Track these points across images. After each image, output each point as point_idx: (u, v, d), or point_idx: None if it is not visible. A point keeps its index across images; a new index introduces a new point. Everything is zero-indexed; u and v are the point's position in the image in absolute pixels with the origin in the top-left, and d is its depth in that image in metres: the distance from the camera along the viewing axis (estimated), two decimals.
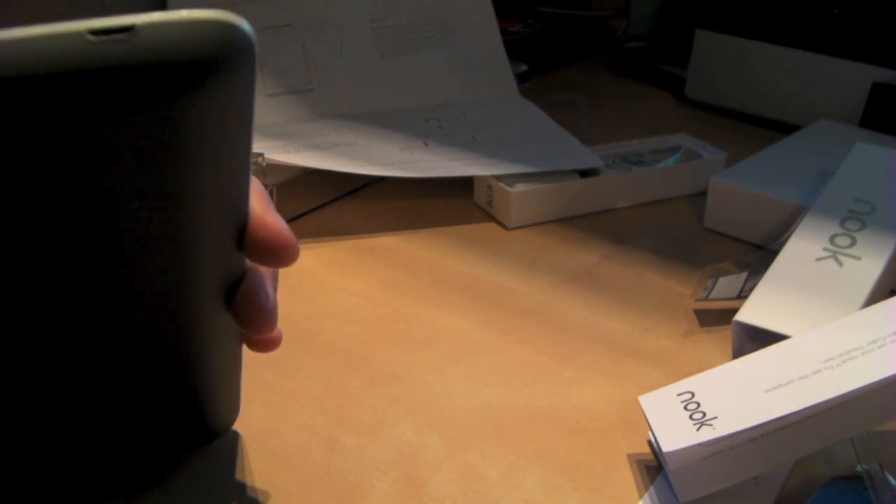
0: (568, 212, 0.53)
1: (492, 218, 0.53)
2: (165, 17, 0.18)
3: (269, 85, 0.59)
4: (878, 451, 0.31)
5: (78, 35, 0.17)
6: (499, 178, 0.52)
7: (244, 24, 0.19)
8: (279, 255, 0.26)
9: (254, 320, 0.26)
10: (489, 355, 0.39)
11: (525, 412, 0.36)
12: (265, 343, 0.30)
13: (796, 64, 0.65)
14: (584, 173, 0.53)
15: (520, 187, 0.51)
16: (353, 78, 0.61)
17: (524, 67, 0.74)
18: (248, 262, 0.27)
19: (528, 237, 0.51)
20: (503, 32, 0.66)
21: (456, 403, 0.36)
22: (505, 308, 0.43)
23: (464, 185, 0.54)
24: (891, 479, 0.30)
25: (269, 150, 0.51)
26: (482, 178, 0.53)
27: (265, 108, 0.58)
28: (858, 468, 0.30)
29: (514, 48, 0.70)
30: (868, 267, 0.39)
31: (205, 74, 0.19)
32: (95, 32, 0.17)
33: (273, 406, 0.35)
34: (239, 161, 0.22)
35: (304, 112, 0.59)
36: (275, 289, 0.28)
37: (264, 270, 0.27)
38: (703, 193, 0.52)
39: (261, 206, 0.26)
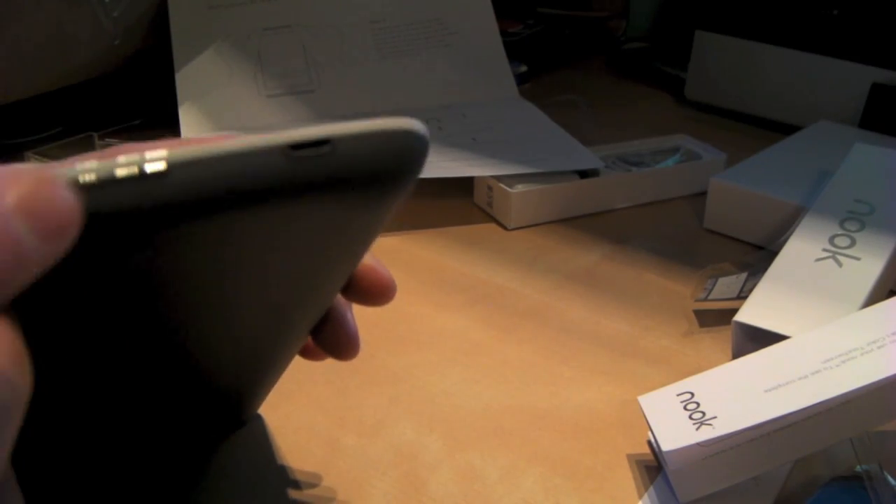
0: (568, 212, 0.53)
1: (492, 218, 0.53)
2: (359, 129, 0.19)
3: (269, 86, 0.59)
4: (878, 451, 0.31)
5: (279, 149, 0.18)
6: (499, 178, 0.52)
7: (424, 129, 0.19)
8: (381, 297, 0.27)
9: (342, 349, 0.28)
10: (489, 355, 0.39)
11: (525, 412, 0.36)
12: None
13: (796, 64, 0.65)
14: (583, 174, 0.53)
15: (520, 188, 0.51)
16: (354, 79, 0.61)
17: (524, 68, 0.74)
18: None
19: (528, 237, 0.51)
20: (503, 33, 0.66)
21: (456, 403, 0.36)
22: (505, 308, 0.43)
23: (464, 185, 0.54)
24: (890, 479, 0.30)
25: None
26: (482, 178, 0.53)
27: (265, 108, 0.58)
28: (858, 468, 0.30)
29: (514, 49, 0.70)
30: (867, 267, 0.39)
31: (394, 183, 0.19)
32: (296, 147, 0.18)
33: (273, 406, 0.35)
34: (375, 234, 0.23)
35: (305, 113, 0.59)
36: (352, 312, 0.29)
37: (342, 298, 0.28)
38: (702, 194, 0.52)
39: None
